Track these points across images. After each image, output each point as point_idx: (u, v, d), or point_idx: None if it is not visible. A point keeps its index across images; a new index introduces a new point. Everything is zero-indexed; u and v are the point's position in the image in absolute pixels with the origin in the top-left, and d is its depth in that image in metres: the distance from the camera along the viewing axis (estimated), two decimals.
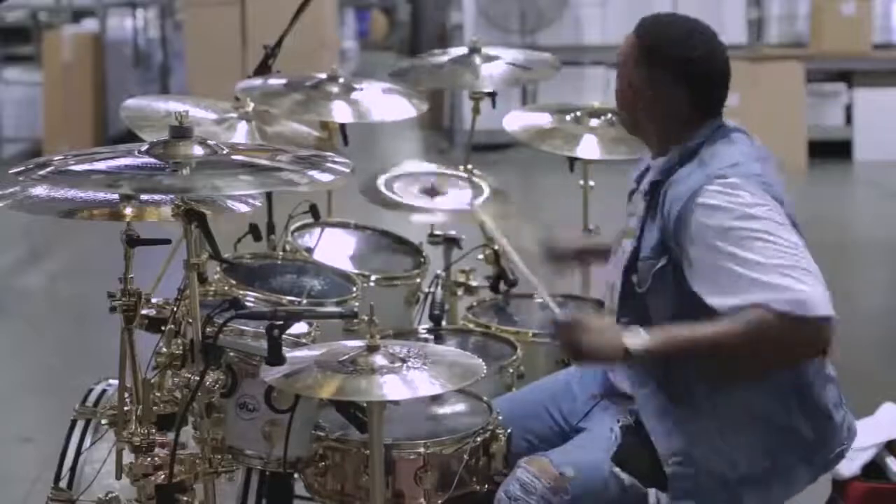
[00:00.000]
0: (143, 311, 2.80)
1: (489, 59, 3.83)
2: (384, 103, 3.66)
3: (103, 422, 2.98)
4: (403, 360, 2.56)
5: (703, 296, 2.54)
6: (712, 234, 2.53)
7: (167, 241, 2.81)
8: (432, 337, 3.37)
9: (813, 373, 2.67)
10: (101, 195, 2.75)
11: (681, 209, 2.58)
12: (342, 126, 3.68)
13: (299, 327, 2.85)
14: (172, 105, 3.23)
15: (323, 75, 3.65)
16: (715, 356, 2.53)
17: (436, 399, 2.92)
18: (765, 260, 2.48)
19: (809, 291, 2.45)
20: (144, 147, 2.55)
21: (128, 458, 2.70)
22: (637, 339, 2.52)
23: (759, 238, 2.50)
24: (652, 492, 2.67)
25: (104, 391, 3.12)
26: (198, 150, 2.53)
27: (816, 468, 2.73)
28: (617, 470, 2.67)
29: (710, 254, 2.53)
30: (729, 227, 2.53)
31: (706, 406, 2.63)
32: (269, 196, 3.53)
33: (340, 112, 3.56)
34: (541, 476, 2.65)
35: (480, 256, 3.74)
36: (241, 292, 3.04)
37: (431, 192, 3.78)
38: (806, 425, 2.67)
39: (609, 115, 3.69)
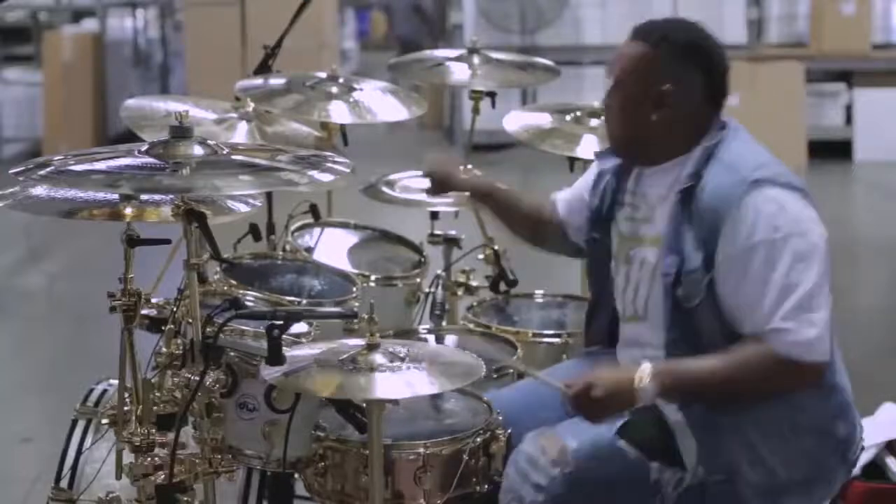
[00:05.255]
0: (144, 311, 2.80)
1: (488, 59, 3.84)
2: (384, 104, 3.65)
3: (104, 422, 2.98)
4: (403, 359, 2.56)
5: (724, 302, 2.62)
6: (747, 248, 2.59)
7: (167, 241, 2.81)
8: (433, 337, 3.37)
9: (841, 368, 2.73)
10: (101, 195, 2.75)
11: (719, 218, 2.61)
12: (342, 126, 3.68)
13: (299, 327, 2.84)
14: (172, 105, 3.23)
15: (323, 75, 3.65)
16: (722, 396, 2.64)
17: (436, 399, 2.92)
18: (785, 287, 2.56)
19: (814, 336, 2.56)
20: (144, 147, 2.55)
21: (128, 458, 2.70)
22: (646, 387, 2.61)
23: (790, 261, 2.57)
24: (654, 466, 2.67)
25: (105, 391, 3.13)
26: (198, 150, 2.53)
27: (849, 465, 2.76)
28: (622, 443, 2.68)
29: (738, 265, 2.60)
30: (762, 242, 2.58)
31: (749, 418, 2.65)
32: (269, 196, 3.53)
33: (340, 112, 3.56)
34: (546, 448, 2.65)
35: (480, 256, 3.74)
36: (241, 292, 3.04)
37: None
38: (839, 423, 2.71)
39: None
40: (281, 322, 2.54)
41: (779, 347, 2.56)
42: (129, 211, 2.75)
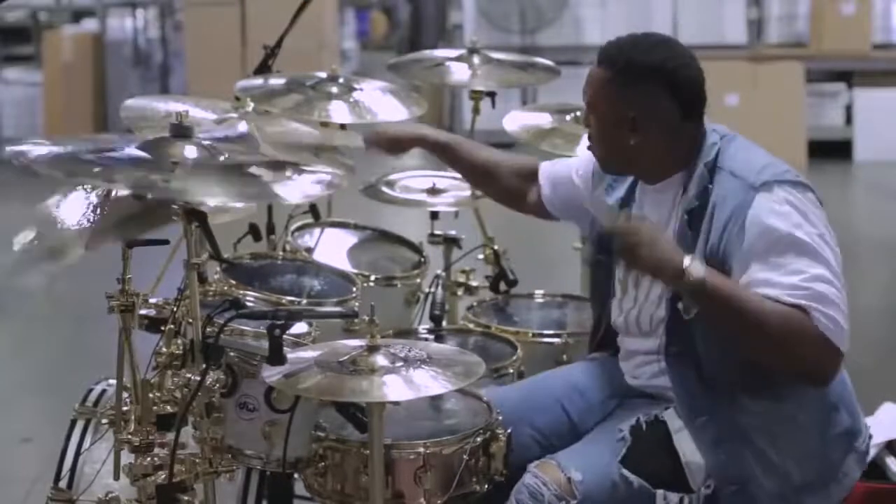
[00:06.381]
0: (143, 312, 2.80)
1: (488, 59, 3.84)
2: (384, 104, 3.65)
3: (103, 422, 2.98)
4: (404, 360, 2.56)
5: (754, 274, 2.54)
6: (767, 245, 2.55)
7: (165, 242, 2.81)
8: (433, 337, 3.37)
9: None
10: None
11: (730, 227, 2.59)
12: (342, 126, 3.67)
13: (299, 327, 2.84)
14: (172, 105, 3.22)
15: (323, 75, 3.64)
16: (747, 332, 2.53)
17: (436, 398, 2.92)
18: (809, 277, 2.52)
19: (845, 327, 2.52)
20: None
21: (126, 458, 2.69)
22: (697, 267, 2.50)
23: (808, 256, 2.54)
24: (660, 493, 2.67)
25: (104, 391, 3.13)
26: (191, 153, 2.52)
27: (860, 454, 2.78)
28: (626, 472, 2.68)
29: (757, 263, 2.55)
30: (779, 239, 2.55)
31: (757, 429, 2.64)
32: None
33: (340, 112, 3.55)
34: (549, 481, 2.65)
35: (480, 256, 3.74)
36: (241, 292, 3.04)
37: (433, 190, 3.79)
38: (840, 415, 2.72)
39: None
40: (282, 322, 2.54)
41: (815, 320, 2.49)
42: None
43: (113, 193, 2.73)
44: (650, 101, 2.69)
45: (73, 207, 2.81)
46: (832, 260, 2.56)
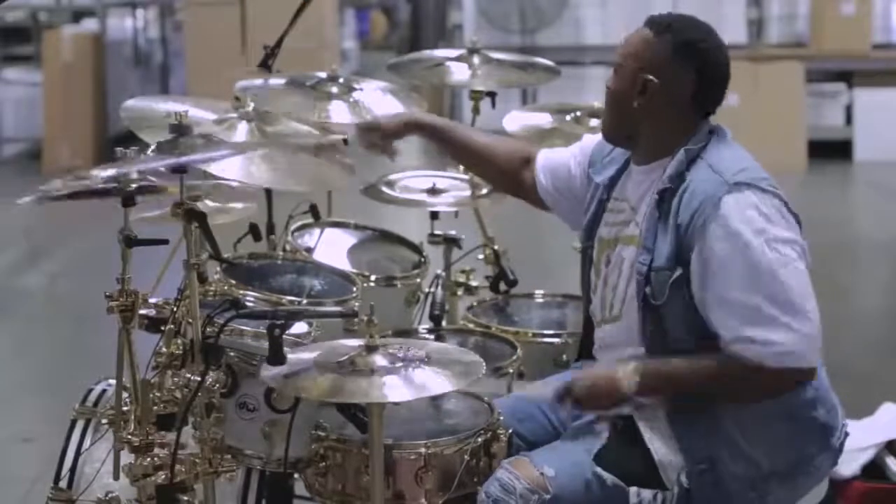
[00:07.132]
0: (143, 311, 2.80)
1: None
2: (384, 104, 3.65)
3: (103, 421, 2.98)
4: (403, 360, 2.55)
5: (700, 308, 2.62)
6: (725, 250, 2.58)
7: (164, 242, 2.81)
8: (432, 337, 3.37)
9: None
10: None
11: (696, 217, 2.61)
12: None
13: (299, 327, 2.84)
14: (172, 105, 3.22)
15: (323, 75, 3.64)
16: (699, 395, 2.65)
17: (436, 398, 2.92)
18: (766, 297, 2.56)
19: (798, 342, 2.56)
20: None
21: (126, 458, 2.69)
22: (627, 374, 2.64)
23: (765, 268, 2.57)
24: (633, 490, 2.67)
25: (104, 391, 3.12)
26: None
27: (833, 452, 2.77)
28: (599, 469, 2.68)
29: (713, 267, 2.59)
30: (738, 246, 2.58)
31: (730, 412, 2.66)
32: (269, 196, 3.52)
33: (340, 112, 3.55)
34: (521, 476, 2.65)
35: (480, 256, 3.74)
36: (241, 292, 3.03)
37: (433, 190, 3.78)
38: (816, 410, 2.71)
39: None
40: (282, 321, 2.53)
41: (751, 356, 2.56)
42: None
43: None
44: (672, 72, 2.72)
45: None
46: (790, 274, 2.58)
